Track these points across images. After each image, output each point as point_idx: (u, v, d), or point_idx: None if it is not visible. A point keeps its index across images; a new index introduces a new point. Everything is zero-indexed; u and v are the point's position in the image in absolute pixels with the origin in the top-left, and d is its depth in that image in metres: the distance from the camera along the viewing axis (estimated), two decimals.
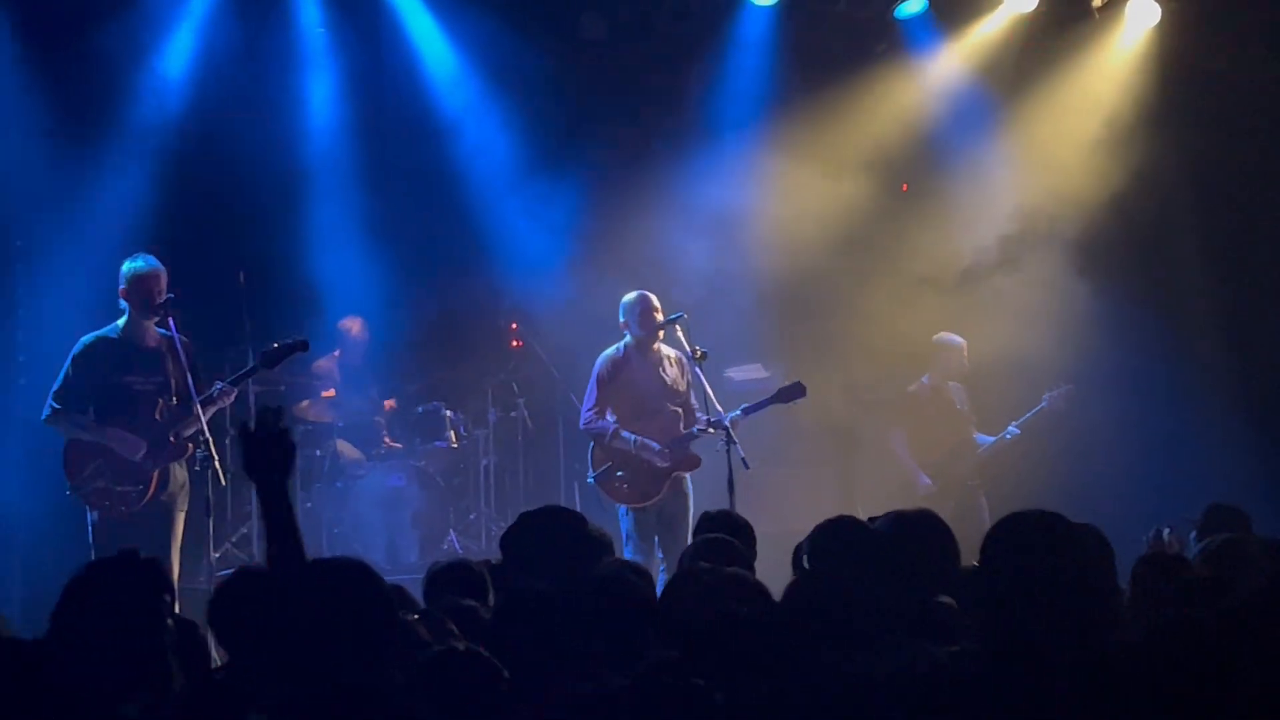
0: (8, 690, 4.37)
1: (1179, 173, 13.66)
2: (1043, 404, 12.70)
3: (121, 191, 12.27)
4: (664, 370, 11.19)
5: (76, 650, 4.45)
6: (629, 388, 11.15)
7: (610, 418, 11.10)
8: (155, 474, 9.82)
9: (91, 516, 9.83)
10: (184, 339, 9.88)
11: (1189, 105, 13.49)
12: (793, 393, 11.10)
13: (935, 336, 12.88)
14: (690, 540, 10.11)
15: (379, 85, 13.39)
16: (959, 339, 12.81)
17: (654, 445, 10.98)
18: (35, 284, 12.19)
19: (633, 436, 11.00)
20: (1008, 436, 12.73)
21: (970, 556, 6.08)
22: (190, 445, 9.84)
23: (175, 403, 9.89)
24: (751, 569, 6.30)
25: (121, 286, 9.88)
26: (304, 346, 10.08)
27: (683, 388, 11.22)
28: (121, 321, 9.93)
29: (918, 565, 5.72)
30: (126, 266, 9.88)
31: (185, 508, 10.00)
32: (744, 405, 10.97)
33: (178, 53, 12.45)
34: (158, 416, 9.85)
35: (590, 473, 11.22)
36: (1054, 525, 4.68)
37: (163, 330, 9.91)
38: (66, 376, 9.86)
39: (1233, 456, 12.96)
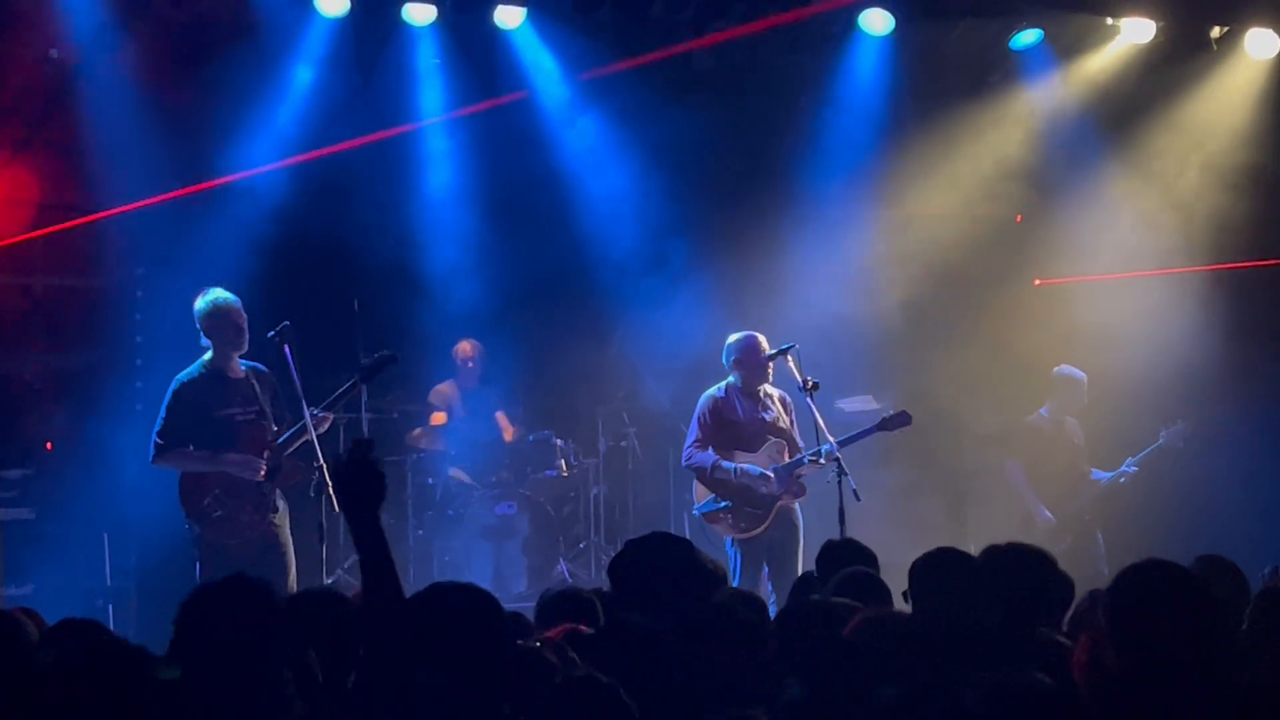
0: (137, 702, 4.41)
1: None
2: (1160, 441, 12.54)
3: (238, 219, 12.41)
4: (766, 409, 11.15)
5: (198, 673, 4.48)
6: (731, 426, 11.10)
7: (711, 452, 11.08)
8: (275, 496, 9.93)
9: (200, 545, 9.87)
10: (264, 369, 10.00)
11: None
12: (898, 421, 11.00)
13: (1056, 370, 12.75)
14: (800, 571, 10.16)
15: (492, 114, 13.46)
16: (1081, 373, 12.68)
17: (754, 470, 10.93)
18: (153, 309, 12.37)
19: (732, 465, 10.96)
20: (1125, 474, 12.58)
21: (1085, 591, 6.04)
22: (300, 467, 9.91)
23: (276, 429, 9.98)
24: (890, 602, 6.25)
25: (201, 325, 9.93)
26: (393, 360, 10.02)
27: (784, 426, 11.17)
28: (208, 357, 9.95)
29: (1022, 598, 5.68)
30: (199, 305, 9.91)
31: (289, 531, 10.07)
32: (847, 434, 10.90)
33: (295, 82, 12.58)
34: (268, 440, 9.94)
35: (695, 505, 11.22)
36: (1178, 580, 4.63)
37: (245, 362, 10.00)
38: (168, 416, 9.88)
39: None
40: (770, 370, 11.07)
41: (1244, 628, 5.30)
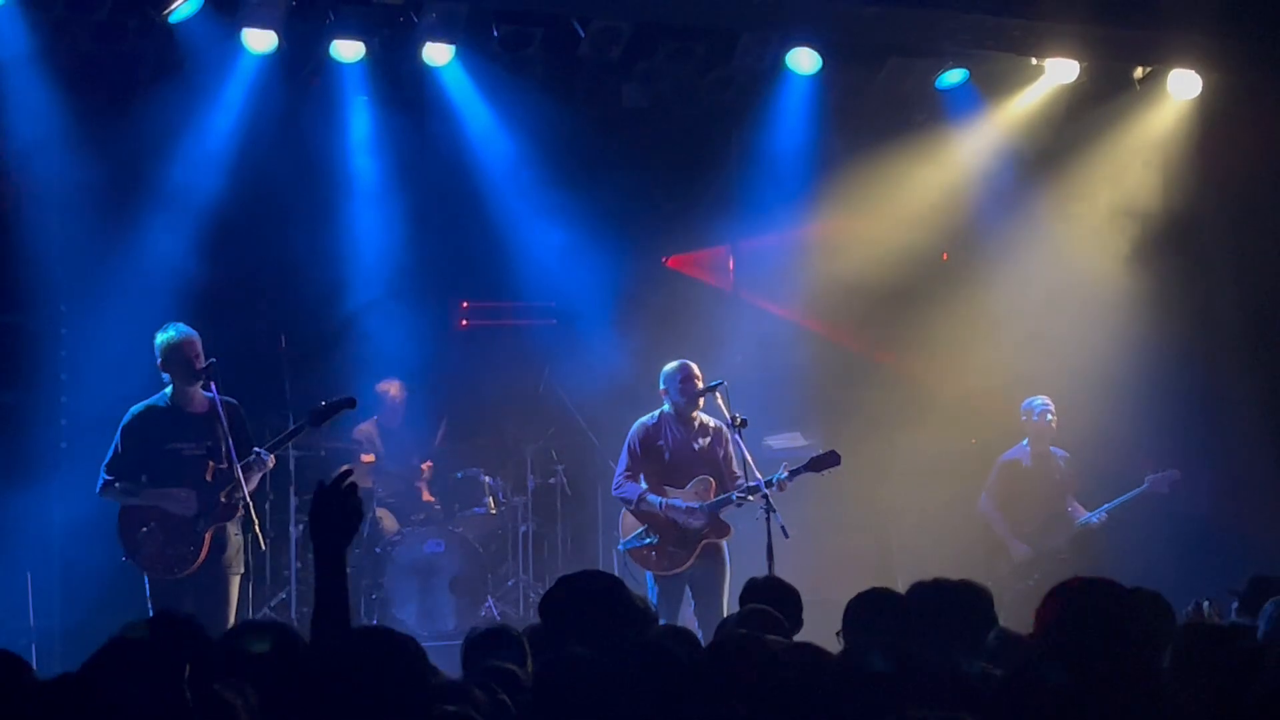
0: None
1: (1221, 245, 13.67)
2: (1144, 486, 12.60)
3: (164, 256, 12.33)
4: (699, 439, 11.17)
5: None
6: (661, 455, 11.14)
7: (641, 483, 11.10)
8: (208, 536, 9.84)
9: (147, 581, 9.87)
10: (231, 401, 9.95)
11: (1231, 181, 13.45)
12: (826, 461, 11.02)
13: (1024, 402, 12.86)
14: (725, 609, 10.16)
15: (422, 152, 13.45)
16: (1037, 401, 12.77)
17: (681, 504, 10.94)
18: (78, 346, 12.27)
19: (659, 499, 10.98)
20: (1093, 521, 12.62)
21: None
22: (239, 506, 9.85)
23: (224, 466, 9.92)
24: (790, 638, 6.27)
25: (158, 359, 9.97)
26: (351, 404, 10.18)
27: (716, 457, 11.19)
28: (168, 390, 10.02)
29: (951, 632, 5.71)
30: (159, 339, 9.97)
31: (240, 571, 10.01)
32: (781, 471, 10.90)
33: (223, 118, 12.52)
34: (208, 479, 9.89)
35: (621, 540, 11.22)
36: (1112, 595, 4.68)
37: (217, 396, 9.97)
38: (117, 447, 9.95)
39: (1275, 528, 12.89)
40: (701, 400, 11.10)
41: (1166, 664, 5.34)
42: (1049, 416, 12.77)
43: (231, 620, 9.90)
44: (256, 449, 9.86)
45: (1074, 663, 4.50)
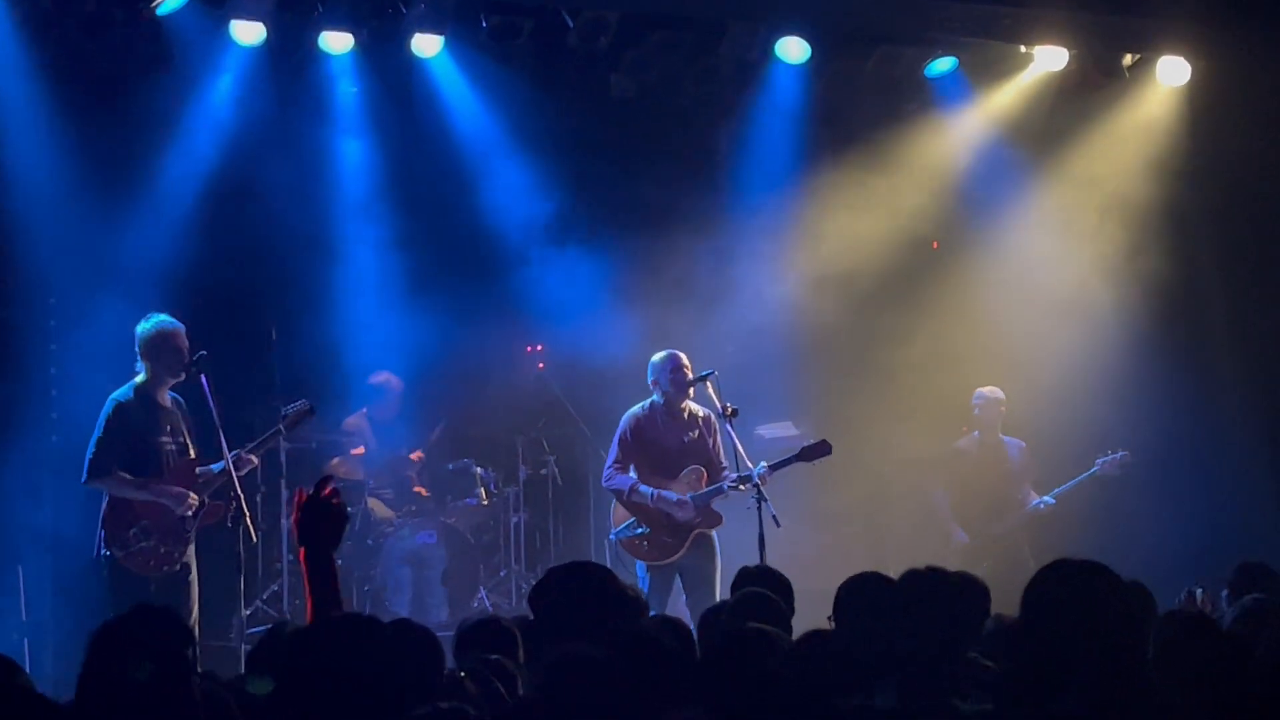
0: None
1: (1207, 232, 13.68)
2: (1094, 469, 12.63)
3: (154, 248, 12.29)
4: (689, 430, 11.17)
5: (107, 709, 4.41)
6: (652, 446, 11.14)
7: (631, 474, 11.10)
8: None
9: (111, 574, 9.77)
10: (180, 399, 9.93)
11: (1218, 165, 13.46)
12: (817, 451, 11.03)
13: (974, 395, 12.88)
14: (717, 598, 10.17)
15: (411, 143, 13.43)
16: (987, 392, 12.79)
17: (672, 496, 10.94)
18: (68, 340, 12.24)
19: (650, 490, 10.98)
20: (1041, 506, 12.65)
21: (1013, 611, 6.08)
22: (220, 506, 9.82)
23: (197, 462, 9.90)
24: (789, 625, 6.29)
25: (140, 349, 9.88)
26: (310, 412, 10.34)
27: (706, 447, 11.19)
28: (141, 380, 9.90)
29: (946, 621, 5.71)
30: (144, 328, 9.87)
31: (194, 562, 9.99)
32: (767, 462, 10.89)
33: (211, 111, 12.51)
34: (192, 472, 9.85)
35: (612, 530, 11.22)
36: (1099, 574, 4.67)
37: (171, 393, 9.94)
38: (105, 436, 9.81)
39: (1266, 515, 12.92)
40: (691, 390, 11.10)
41: (1150, 654, 5.35)
42: (976, 408, 12.85)
43: (195, 612, 9.88)
44: (239, 450, 9.84)
45: (1056, 645, 4.50)
